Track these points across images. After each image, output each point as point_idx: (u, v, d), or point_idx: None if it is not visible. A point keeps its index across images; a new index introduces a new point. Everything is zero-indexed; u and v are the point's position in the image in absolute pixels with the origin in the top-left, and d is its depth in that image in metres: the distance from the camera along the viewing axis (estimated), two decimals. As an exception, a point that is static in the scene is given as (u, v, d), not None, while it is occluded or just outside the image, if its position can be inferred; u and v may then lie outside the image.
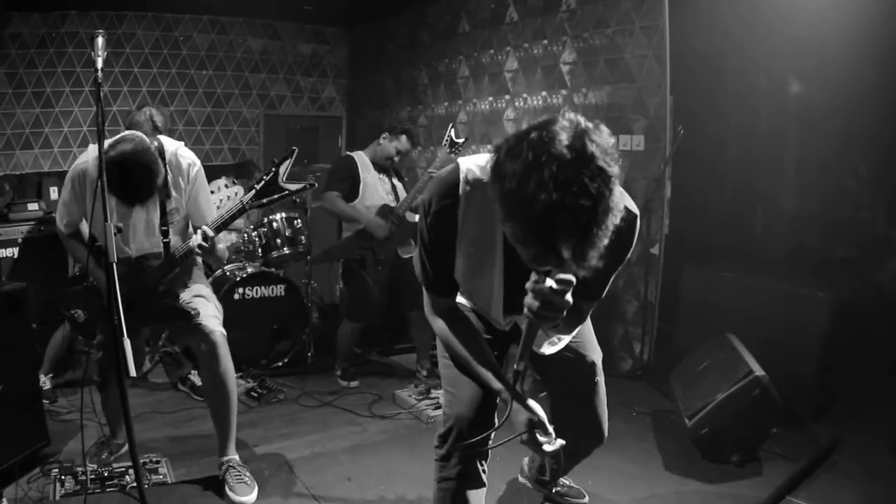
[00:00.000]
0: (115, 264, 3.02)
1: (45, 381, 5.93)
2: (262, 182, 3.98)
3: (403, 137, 6.58)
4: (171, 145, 4.41)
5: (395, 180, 6.77)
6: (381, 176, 6.66)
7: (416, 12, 10.37)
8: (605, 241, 1.93)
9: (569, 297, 2.10)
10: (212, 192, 7.59)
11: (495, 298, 2.76)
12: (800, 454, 5.04)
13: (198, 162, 4.47)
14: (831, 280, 6.03)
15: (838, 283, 5.95)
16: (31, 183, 6.94)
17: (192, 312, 4.33)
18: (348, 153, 6.85)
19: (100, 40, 3.32)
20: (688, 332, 6.46)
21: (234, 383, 4.48)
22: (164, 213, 4.31)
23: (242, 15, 10.96)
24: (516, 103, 8.59)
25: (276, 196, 3.99)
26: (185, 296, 4.43)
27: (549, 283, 2.07)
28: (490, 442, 2.92)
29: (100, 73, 3.26)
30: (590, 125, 1.96)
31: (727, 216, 6.83)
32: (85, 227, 4.49)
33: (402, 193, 6.70)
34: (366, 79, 11.78)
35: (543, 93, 8.18)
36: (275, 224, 7.34)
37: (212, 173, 7.78)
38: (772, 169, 6.81)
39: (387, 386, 6.63)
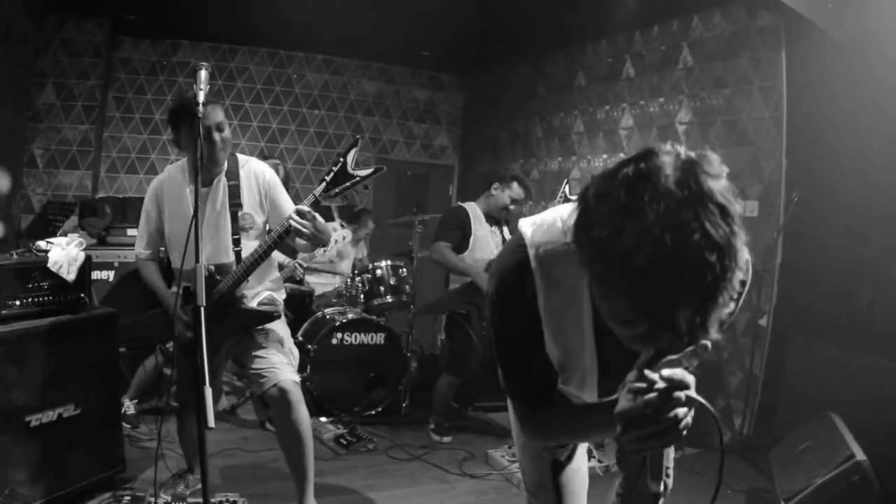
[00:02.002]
0: (202, 308, 3.00)
1: (130, 406, 6.01)
2: (332, 173, 3.95)
3: (515, 184, 6.50)
4: (244, 158, 4.47)
5: (506, 234, 6.69)
6: (493, 228, 6.60)
7: (533, 64, 10.36)
8: (732, 306, 1.44)
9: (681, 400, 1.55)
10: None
11: (587, 385, 2.16)
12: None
13: (270, 170, 4.50)
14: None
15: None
16: (132, 208, 7.05)
17: (262, 368, 4.33)
18: (460, 203, 6.80)
19: (203, 73, 3.30)
20: (790, 408, 6.23)
21: (310, 431, 4.44)
22: (234, 221, 4.30)
23: (357, 57, 11.13)
24: (631, 162, 8.49)
25: (347, 184, 3.95)
26: (259, 339, 4.38)
27: (654, 377, 1.53)
28: None
29: (201, 108, 3.25)
30: (699, 154, 1.49)
31: (837, 288, 6.57)
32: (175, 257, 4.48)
33: None
34: (479, 128, 11.79)
35: (658, 152, 8.05)
36: (379, 272, 7.36)
37: (323, 214, 7.88)
38: (883, 240, 6.55)
39: (481, 444, 6.50)
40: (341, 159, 3.97)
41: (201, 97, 3.21)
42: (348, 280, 7.50)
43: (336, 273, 8.07)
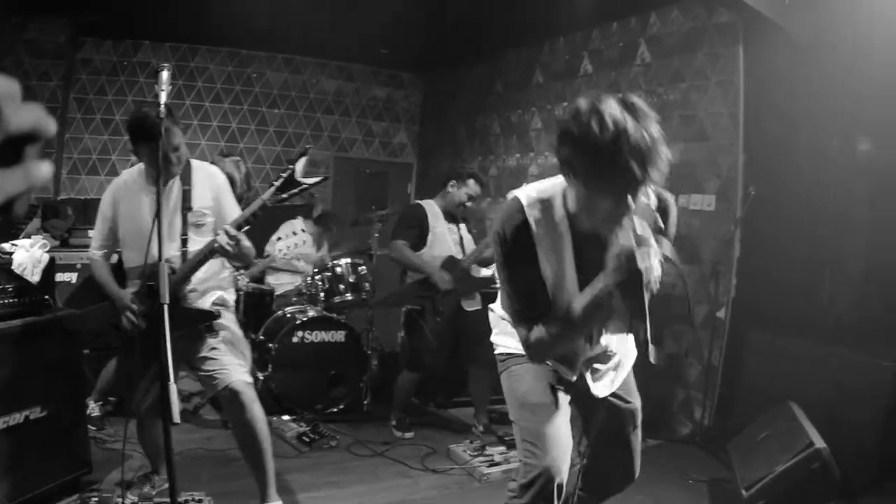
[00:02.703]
0: (166, 305, 3.00)
1: (94, 408, 5.96)
2: (281, 179, 3.99)
3: (471, 181, 6.52)
4: (198, 163, 4.56)
5: (463, 231, 6.73)
6: (451, 226, 6.63)
7: (491, 61, 10.42)
8: (664, 169, 2.43)
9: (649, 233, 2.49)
10: (279, 237, 7.67)
11: (569, 290, 2.87)
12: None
13: (222, 175, 4.60)
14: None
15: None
16: (94, 209, 7.02)
17: (214, 370, 4.34)
18: (418, 202, 6.83)
19: (165, 74, 3.35)
20: (749, 399, 6.29)
21: (266, 429, 4.44)
22: (184, 222, 4.33)
23: (317, 55, 11.13)
24: (587, 156, 8.54)
25: (295, 190, 3.98)
26: (210, 340, 4.39)
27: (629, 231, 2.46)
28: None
29: (162, 109, 3.29)
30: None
31: (795, 281, 6.65)
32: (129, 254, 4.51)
33: (470, 245, 6.66)
34: (438, 126, 11.83)
35: (616, 147, 8.12)
36: (339, 269, 7.35)
37: (284, 213, 7.85)
38: (841, 232, 6.64)
39: (442, 439, 6.50)
40: (291, 167, 4.00)
41: (163, 98, 3.29)
42: (308, 278, 7.48)
43: (297, 272, 8.04)
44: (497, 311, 3.41)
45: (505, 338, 3.35)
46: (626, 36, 8.18)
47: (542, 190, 2.86)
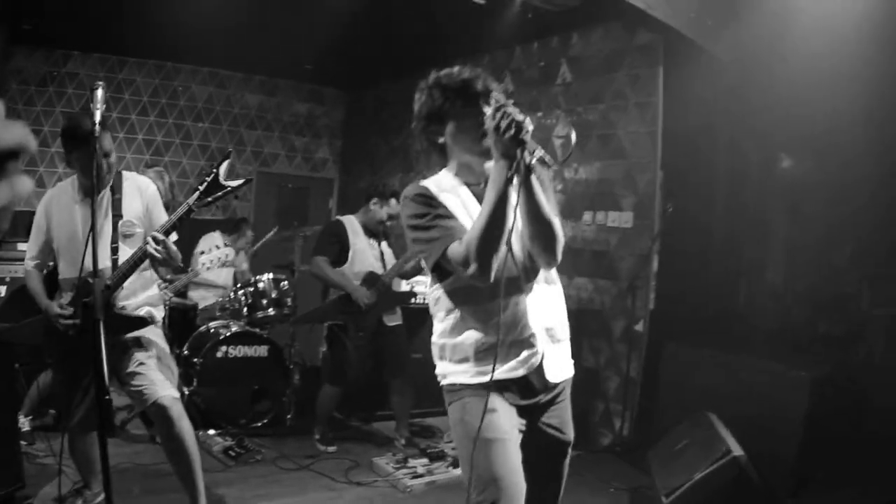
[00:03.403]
0: (100, 321, 3.01)
1: (24, 423, 5.89)
2: (205, 183, 4.01)
3: (393, 201, 6.57)
4: (128, 173, 4.64)
5: (384, 246, 6.79)
6: (371, 241, 6.69)
7: (413, 78, 10.31)
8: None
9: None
10: (203, 251, 7.63)
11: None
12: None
13: (153, 185, 4.65)
14: (813, 358, 6.07)
15: (819, 362, 5.97)
16: (22, 222, 6.90)
17: (142, 385, 4.33)
18: (339, 217, 6.88)
19: (99, 92, 3.36)
20: (668, 410, 6.42)
21: (194, 444, 4.43)
22: (115, 230, 4.34)
23: (241, 70, 11.09)
24: (507, 173, 8.63)
25: (219, 193, 4.00)
26: (138, 356, 4.38)
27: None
28: None
29: (97, 127, 3.30)
30: None
31: (712, 293, 6.84)
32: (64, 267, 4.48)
33: (391, 260, 6.71)
34: (359, 141, 11.85)
35: (534, 165, 8.22)
36: (261, 285, 7.39)
37: (204, 227, 7.82)
38: (758, 245, 6.85)
39: (364, 453, 6.54)
40: (214, 170, 4.03)
41: (97, 116, 3.31)
42: (231, 293, 7.48)
43: (217, 286, 8.02)
44: (439, 341, 3.21)
45: (451, 367, 3.13)
46: (547, 56, 8.33)
47: (430, 178, 3.17)
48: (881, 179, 6.05)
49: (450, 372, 3.10)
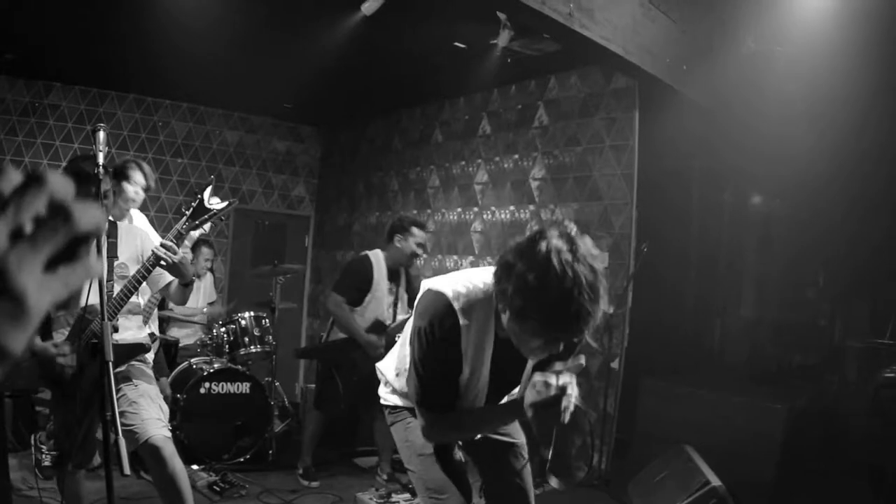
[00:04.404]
0: (111, 363, 3.07)
1: (46, 458, 5.89)
2: (192, 208, 4.10)
3: (414, 229, 6.47)
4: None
5: (401, 291, 6.71)
6: (391, 285, 6.60)
7: (391, 118, 10.64)
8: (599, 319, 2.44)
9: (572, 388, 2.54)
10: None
11: (480, 394, 2.99)
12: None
13: (149, 226, 4.87)
14: (787, 390, 6.25)
15: (794, 393, 6.15)
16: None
17: (133, 424, 4.32)
18: (367, 253, 6.68)
19: (101, 134, 3.38)
20: (645, 444, 6.55)
21: (187, 482, 4.45)
22: (110, 270, 4.37)
23: (221, 106, 11.18)
24: (484, 216, 8.81)
25: (206, 216, 4.07)
26: (129, 394, 4.39)
27: (554, 382, 2.53)
28: None
29: (101, 170, 3.36)
30: (574, 230, 2.49)
31: (687, 329, 7.02)
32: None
33: (402, 309, 6.64)
34: (336, 180, 11.96)
35: (511, 207, 8.43)
36: (243, 322, 7.51)
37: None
38: (732, 281, 7.03)
39: (347, 488, 6.59)
40: (199, 196, 4.12)
41: (101, 158, 3.36)
42: (214, 331, 7.56)
43: (199, 324, 8.06)
44: (390, 375, 3.37)
45: (395, 398, 3.35)
46: (524, 98, 8.50)
47: (469, 287, 2.80)
48: (848, 215, 6.27)
49: (393, 399, 3.36)
